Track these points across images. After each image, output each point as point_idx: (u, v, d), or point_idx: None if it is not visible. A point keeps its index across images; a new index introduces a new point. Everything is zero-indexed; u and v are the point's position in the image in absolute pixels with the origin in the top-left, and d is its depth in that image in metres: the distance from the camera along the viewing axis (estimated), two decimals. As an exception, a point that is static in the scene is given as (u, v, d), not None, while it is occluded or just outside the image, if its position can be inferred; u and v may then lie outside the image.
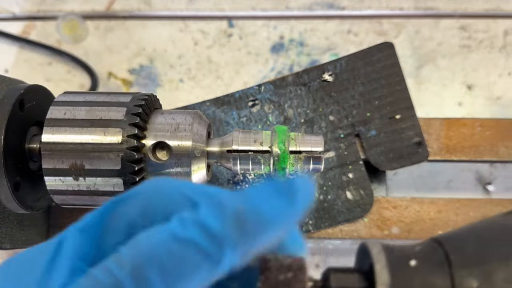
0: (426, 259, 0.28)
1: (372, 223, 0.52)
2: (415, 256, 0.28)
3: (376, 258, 0.28)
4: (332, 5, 0.76)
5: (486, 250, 0.27)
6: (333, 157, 0.53)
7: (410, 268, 0.27)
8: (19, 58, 0.76)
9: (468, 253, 0.27)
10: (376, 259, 0.28)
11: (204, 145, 0.40)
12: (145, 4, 0.77)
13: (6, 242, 0.46)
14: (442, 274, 0.27)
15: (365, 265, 0.29)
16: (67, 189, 0.38)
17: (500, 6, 0.74)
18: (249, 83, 0.73)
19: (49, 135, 0.38)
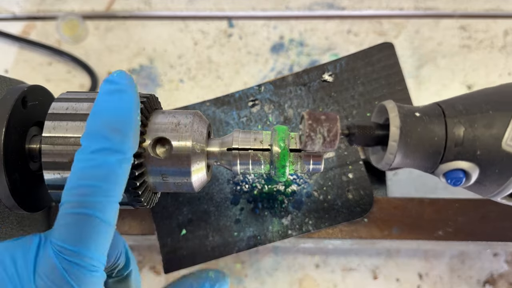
0: (428, 112, 0.36)
1: (372, 223, 0.52)
2: (419, 111, 0.37)
3: (390, 109, 0.36)
4: (332, 5, 0.76)
5: (471, 106, 0.36)
6: (333, 157, 0.53)
7: (416, 117, 0.36)
8: (19, 58, 0.76)
9: (459, 108, 0.36)
10: (390, 110, 0.36)
11: (204, 145, 0.40)
12: (145, 4, 0.77)
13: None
14: (438, 122, 0.36)
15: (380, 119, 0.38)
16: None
17: (500, 6, 0.74)
18: (249, 83, 0.73)
19: (50, 129, 0.38)
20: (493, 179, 0.36)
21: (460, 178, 0.36)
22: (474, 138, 0.35)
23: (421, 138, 0.36)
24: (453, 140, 0.35)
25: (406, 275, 0.64)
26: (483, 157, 0.35)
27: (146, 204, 0.40)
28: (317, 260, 0.65)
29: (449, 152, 0.36)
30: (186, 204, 0.53)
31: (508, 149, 0.35)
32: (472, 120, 0.35)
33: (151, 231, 0.53)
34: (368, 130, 0.37)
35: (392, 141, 0.36)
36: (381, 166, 0.38)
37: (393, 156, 0.36)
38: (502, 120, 0.35)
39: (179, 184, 0.40)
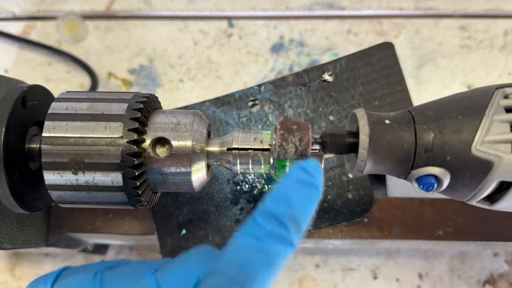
0: (397, 119, 0.37)
1: (372, 223, 0.52)
2: (389, 118, 0.37)
3: (360, 117, 0.36)
4: (332, 5, 0.76)
5: (441, 112, 0.36)
6: (333, 157, 0.53)
7: (385, 124, 0.36)
8: (19, 58, 0.76)
9: (428, 114, 0.36)
10: (360, 118, 0.36)
11: (204, 144, 0.40)
12: (145, 4, 0.77)
13: (6, 242, 0.46)
14: (408, 129, 0.36)
15: (353, 127, 0.38)
16: (65, 184, 0.38)
17: (500, 6, 0.74)
18: (249, 83, 0.73)
19: (50, 129, 0.38)
20: (464, 184, 0.36)
21: (431, 183, 0.36)
22: (443, 143, 0.35)
23: (390, 145, 0.36)
24: (423, 146, 0.36)
25: (406, 275, 0.63)
26: (453, 163, 0.35)
27: (146, 204, 0.40)
28: (317, 260, 0.65)
29: (419, 158, 0.36)
30: (186, 204, 0.53)
31: (477, 154, 0.35)
32: (442, 126, 0.36)
33: (151, 231, 0.53)
34: (339, 138, 0.37)
35: (362, 148, 0.36)
36: (354, 173, 0.38)
37: (364, 163, 0.36)
38: (471, 125, 0.35)
39: (179, 184, 0.40)
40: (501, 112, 0.35)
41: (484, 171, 0.35)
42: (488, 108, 0.36)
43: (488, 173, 0.35)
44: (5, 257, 0.67)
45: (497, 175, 0.35)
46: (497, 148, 0.35)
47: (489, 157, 0.35)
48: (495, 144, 0.35)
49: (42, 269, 0.66)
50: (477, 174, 0.35)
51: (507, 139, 0.35)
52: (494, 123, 0.35)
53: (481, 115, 0.35)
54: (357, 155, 0.37)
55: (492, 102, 0.36)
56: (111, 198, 0.39)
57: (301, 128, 0.36)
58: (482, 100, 0.36)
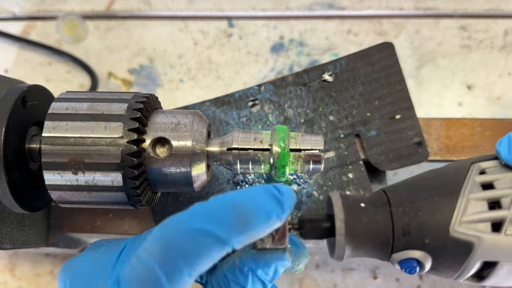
0: (373, 202, 0.37)
1: (372, 223, 0.52)
2: (364, 201, 0.37)
3: (335, 203, 0.36)
4: (332, 5, 0.76)
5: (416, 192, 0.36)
6: (333, 157, 0.53)
7: (361, 208, 0.36)
8: (19, 58, 0.76)
9: (403, 196, 0.36)
10: (335, 204, 0.36)
11: (204, 144, 0.40)
12: (145, 4, 0.78)
13: (6, 242, 0.46)
14: (383, 211, 0.36)
15: (331, 210, 0.37)
16: (65, 184, 0.38)
17: (500, 6, 0.74)
18: (249, 83, 0.73)
19: (50, 129, 0.38)
20: (447, 266, 0.35)
21: (413, 267, 0.35)
22: (420, 226, 0.34)
23: (367, 229, 0.35)
24: (400, 229, 0.35)
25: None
26: (433, 245, 0.34)
27: (146, 204, 0.40)
28: (317, 260, 0.65)
29: (398, 242, 0.35)
30: (186, 204, 0.53)
31: (456, 235, 0.34)
32: (417, 208, 0.35)
33: (151, 231, 0.53)
34: (317, 223, 0.37)
35: (339, 235, 0.35)
36: (335, 258, 0.37)
37: (343, 249, 0.36)
38: (447, 206, 0.34)
39: (179, 184, 0.40)
40: (477, 189, 0.34)
41: (465, 252, 0.34)
42: (464, 186, 0.35)
43: (469, 254, 0.34)
44: (5, 257, 0.67)
45: (479, 255, 0.34)
46: (476, 228, 0.33)
47: (469, 238, 0.33)
48: (473, 223, 0.34)
49: (42, 269, 0.66)
50: (459, 256, 0.34)
51: (485, 217, 0.34)
52: (470, 202, 0.34)
53: (456, 195, 0.34)
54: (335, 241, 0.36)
55: (468, 179, 0.35)
56: (111, 198, 0.39)
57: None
58: (457, 178, 0.35)
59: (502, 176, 0.35)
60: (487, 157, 0.37)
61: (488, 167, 0.36)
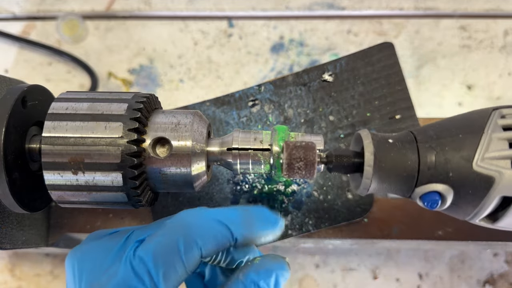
0: (400, 139, 0.39)
1: (372, 223, 0.52)
2: (392, 138, 0.39)
3: (364, 137, 0.38)
4: (332, 5, 0.76)
5: (441, 131, 0.38)
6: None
7: (389, 143, 0.38)
8: (19, 58, 0.76)
9: (430, 134, 0.38)
10: (364, 138, 0.38)
11: (204, 144, 0.40)
12: (145, 4, 0.78)
13: (6, 242, 0.46)
14: (410, 147, 0.38)
15: (358, 148, 0.39)
16: (65, 184, 0.38)
17: (500, 6, 0.74)
18: (249, 83, 0.73)
19: (50, 129, 0.38)
20: (467, 200, 0.37)
21: (436, 200, 0.37)
22: (445, 160, 0.36)
23: (395, 163, 0.37)
24: (426, 164, 0.37)
25: (406, 275, 0.63)
26: (456, 179, 0.36)
27: (146, 204, 0.40)
28: (317, 260, 0.65)
29: (422, 176, 0.37)
30: (186, 204, 0.53)
31: (479, 169, 0.36)
32: (443, 144, 0.37)
33: (151, 231, 0.53)
34: (345, 158, 0.39)
35: (367, 166, 0.37)
36: (360, 191, 0.39)
37: (369, 181, 0.37)
38: (471, 142, 0.36)
39: (179, 184, 0.40)
40: (499, 130, 0.37)
41: (486, 186, 0.36)
42: (487, 127, 0.37)
43: (490, 188, 0.36)
44: (5, 257, 0.67)
45: (498, 190, 0.36)
46: (497, 164, 0.36)
47: (490, 172, 0.36)
48: (495, 160, 0.36)
49: (42, 269, 0.66)
50: (479, 190, 0.36)
51: (506, 155, 0.36)
52: (493, 141, 0.36)
53: (480, 133, 0.37)
54: (363, 174, 0.38)
55: (490, 121, 0.37)
56: (111, 198, 0.39)
57: (308, 148, 0.37)
58: (480, 120, 0.38)
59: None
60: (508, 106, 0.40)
61: (508, 113, 0.38)
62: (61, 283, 0.66)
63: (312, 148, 0.37)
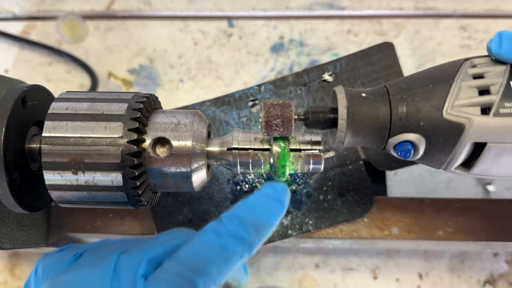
0: (373, 92, 0.39)
1: (372, 223, 0.52)
2: (366, 92, 0.39)
3: (338, 92, 0.39)
4: (332, 5, 0.76)
5: (413, 82, 0.39)
6: (333, 157, 0.53)
7: (362, 97, 0.39)
8: (19, 58, 0.76)
9: (401, 86, 0.39)
10: (338, 93, 0.39)
11: (204, 144, 0.40)
12: (145, 4, 0.78)
13: (6, 242, 0.46)
14: (383, 100, 0.38)
15: (334, 104, 0.40)
16: (65, 184, 0.38)
17: (500, 6, 0.74)
18: (249, 83, 0.73)
19: (50, 129, 0.38)
20: (439, 148, 0.38)
21: (408, 149, 0.38)
22: (416, 110, 0.37)
23: (367, 115, 0.38)
24: (398, 115, 0.38)
25: (406, 275, 0.63)
26: (427, 127, 0.37)
27: (146, 204, 0.40)
28: (317, 260, 0.65)
29: (395, 126, 0.38)
30: (186, 204, 0.53)
31: (449, 117, 0.36)
32: (414, 95, 0.38)
33: (151, 231, 0.53)
34: (321, 114, 0.39)
35: (341, 119, 0.38)
36: (336, 145, 0.40)
37: (344, 134, 0.38)
38: (441, 91, 0.37)
39: (179, 184, 0.40)
40: (469, 79, 0.37)
41: (457, 133, 0.37)
42: (457, 75, 0.38)
43: (460, 135, 0.37)
44: (5, 257, 0.67)
45: (469, 136, 0.36)
46: (467, 111, 0.36)
47: (460, 119, 0.36)
48: (465, 107, 0.36)
49: (42, 269, 0.66)
50: (451, 137, 0.37)
51: (475, 102, 0.36)
52: (462, 89, 0.37)
53: (450, 82, 0.37)
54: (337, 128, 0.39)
55: (460, 71, 0.38)
56: (111, 198, 0.39)
57: (285, 106, 0.38)
58: (450, 70, 0.39)
59: (491, 69, 0.38)
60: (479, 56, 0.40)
61: (479, 63, 0.39)
62: (61, 283, 0.66)
63: (289, 106, 0.38)
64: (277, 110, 0.38)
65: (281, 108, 0.38)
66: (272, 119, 0.37)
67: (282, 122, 0.38)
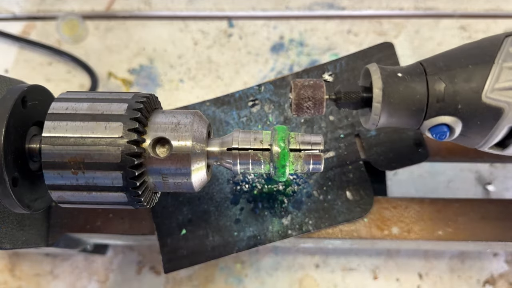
0: (410, 72, 0.37)
1: (372, 223, 0.52)
2: (401, 71, 0.37)
3: (373, 72, 0.37)
4: (332, 5, 0.76)
5: (452, 62, 0.37)
6: (333, 157, 0.53)
7: (398, 78, 0.37)
8: (19, 58, 0.76)
9: (439, 65, 0.37)
10: (373, 73, 0.37)
11: (204, 144, 0.40)
12: (145, 4, 0.78)
13: (6, 242, 0.46)
14: (420, 80, 0.37)
15: (367, 82, 0.38)
16: (65, 184, 0.38)
17: (500, 6, 0.74)
18: (249, 83, 0.73)
19: (50, 129, 0.38)
20: (476, 131, 0.37)
21: (444, 132, 0.37)
22: (454, 93, 0.36)
23: (403, 98, 0.37)
24: (435, 97, 0.36)
25: (406, 275, 0.64)
26: (465, 111, 0.36)
27: (146, 204, 0.40)
28: (317, 260, 0.65)
29: (431, 109, 0.37)
30: (186, 204, 0.53)
31: (488, 101, 0.35)
32: (452, 76, 0.36)
33: (151, 231, 0.53)
34: (353, 94, 0.38)
35: (376, 102, 0.37)
36: (369, 126, 0.39)
37: (378, 117, 0.37)
38: (481, 74, 0.36)
39: (179, 184, 0.40)
40: (510, 59, 0.36)
41: (495, 117, 0.35)
42: (498, 56, 0.36)
43: (498, 119, 0.35)
44: (5, 257, 0.67)
45: (507, 120, 0.35)
46: (507, 95, 0.35)
47: (499, 104, 0.35)
48: (505, 91, 0.35)
49: (42, 269, 0.66)
50: (488, 121, 0.36)
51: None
52: (504, 70, 0.35)
53: (490, 63, 0.36)
54: (371, 109, 0.37)
55: (502, 50, 0.36)
56: (111, 198, 0.39)
57: (316, 86, 0.37)
58: (491, 49, 0.37)
59: None
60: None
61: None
62: (61, 283, 0.66)
63: (321, 86, 0.37)
64: (308, 91, 0.36)
65: (312, 89, 0.36)
66: (303, 102, 0.36)
67: (314, 104, 0.36)
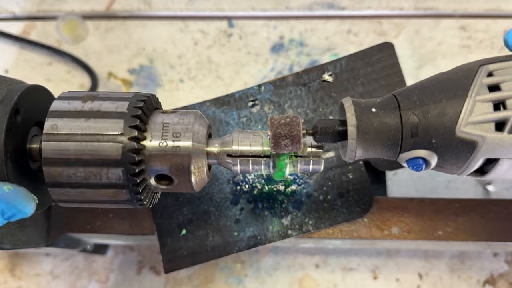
0: (383, 106, 0.38)
1: (372, 223, 0.52)
2: (376, 106, 0.38)
3: (347, 109, 0.38)
4: (332, 5, 0.76)
5: (425, 96, 0.37)
6: (333, 157, 0.53)
7: (372, 113, 0.37)
8: (19, 58, 0.76)
9: (413, 99, 0.37)
10: (347, 110, 0.38)
11: (204, 144, 0.40)
12: (145, 4, 0.78)
13: (6, 242, 0.46)
14: (394, 116, 0.37)
15: (343, 115, 0.39)
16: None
17: (500, 6, 0.74)
18: (249, 83, 0.73)
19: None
20: (452, 163, 0.37)
21: (420, 164, 0.38)
22: (428, 128, 0.36)
23: (378, 133, 0.37)
24: (409, 131, 0.37)
25: (406, 275, 0.64)
26: (439, 145, 0.37)
27: (146, 203, 0.40)
28: (317, 260, 0.65)
29: (406, 143, 0.37)
30: (186, 204, 0.53)
31: (461, 135, 0.36)
32: (426, 111, 0.37)
33: (151, 231, 0.53)
34: (330, 129, 0.39)
35: (351, 139, 0.37)
36: (347, 159, 0.40)
37: (354, 152, 0.38)
38: (454, 108, 0.36)
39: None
40: (484, 91, 0.36)
41: (469, 150, 0.36)
42: (471, 88, 0.36)
43: (473, 152, 0.36)
44: (5, 257, 0.67)
45: (481, 153, 0.36)
46: (480, 128, 0.35)
47: (473, 137, 0.35)
48: (479, 124, 0.35)
49: (42, 269, 0.66)
50: (463, 154, 0.36)
51: (490, 118, 0.35)
52: (477, 104, 0.36)
53: (463, 97, 0.36)
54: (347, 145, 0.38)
55: (475, 81, 0.37)
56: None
57: (292, 123, 0.37)
58: (464, 82, 0.37)
59: (509, 77, 0.36)
60: (497, 58, 0.39)
61: (495, 69, 0.37)
62: (61, 283, 0.66)
63: (297, 124, 0.37)
64: (285, 129, 0.37)
65: (289, 127, 0.37)
66: (280, 140, 0.37)
67: (291, 141, 0.37)
